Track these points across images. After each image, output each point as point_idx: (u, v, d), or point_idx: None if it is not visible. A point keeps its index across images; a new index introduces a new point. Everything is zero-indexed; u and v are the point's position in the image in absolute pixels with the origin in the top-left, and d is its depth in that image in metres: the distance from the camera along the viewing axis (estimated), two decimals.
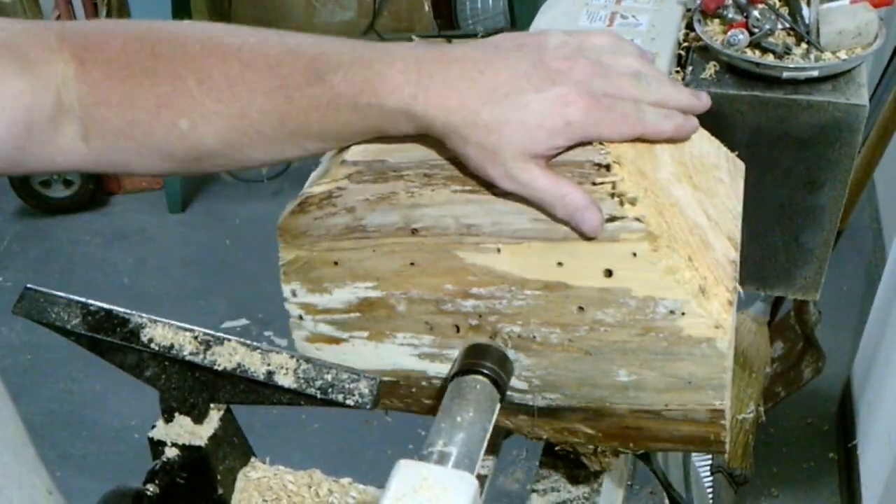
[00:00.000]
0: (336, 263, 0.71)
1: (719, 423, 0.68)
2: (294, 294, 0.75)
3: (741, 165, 0.77)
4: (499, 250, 0.65)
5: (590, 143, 0.65)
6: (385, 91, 0.63)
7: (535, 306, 0.66)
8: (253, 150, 0.70)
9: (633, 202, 0.62)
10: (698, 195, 0.69)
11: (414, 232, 0.67)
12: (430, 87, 0.63)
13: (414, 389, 0.75)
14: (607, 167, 0.63)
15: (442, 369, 0.72)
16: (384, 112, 0.64)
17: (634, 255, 0.62)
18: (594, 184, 0.63)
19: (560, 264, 0.64)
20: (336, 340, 0.75)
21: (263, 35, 0.69)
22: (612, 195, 0.63)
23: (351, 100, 0.64)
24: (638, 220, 0.62)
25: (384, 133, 0.67)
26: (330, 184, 0.68)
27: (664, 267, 0.62)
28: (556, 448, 0.79)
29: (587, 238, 0.63)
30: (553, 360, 0.68)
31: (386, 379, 0.75)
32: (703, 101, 0.72)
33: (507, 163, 0.62)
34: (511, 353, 0.68)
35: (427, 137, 0.66)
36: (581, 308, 0.65)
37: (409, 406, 0.77)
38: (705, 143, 0.74)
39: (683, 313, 0.63)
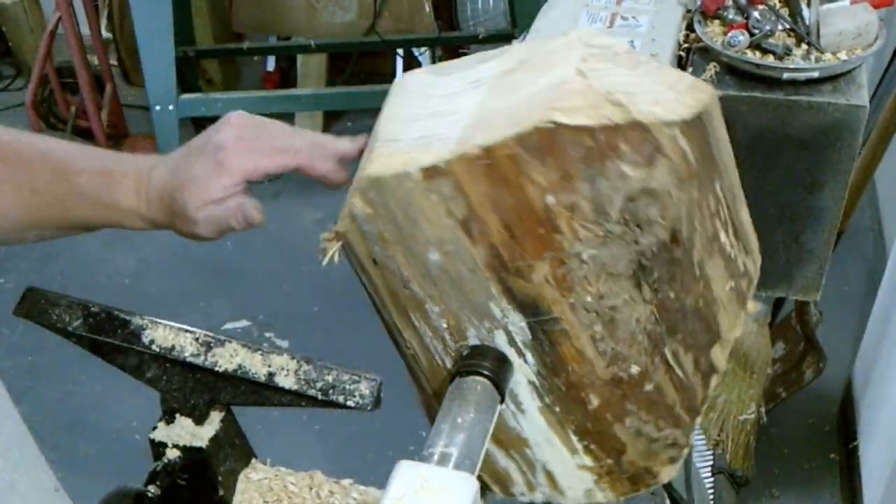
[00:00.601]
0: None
1: None
2: None
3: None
4: None
5: None
6: (121, 194, 0.79)
7: None
8: (4, 235, 0.79)
9: None
10: None
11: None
12: (150, 185, 0.79)
13: None
14: None
15: None
16: (121, 212, 0.80)
17: None
18: None
19: None
20: None
21: (17, 135, 0.80)
22: None
23: (95, 198, 0.78)
24: None
25: (122, 226, 0.81)
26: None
27: None
28: None
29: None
30: None
31: None
32: (358, 143, 0.79)
33: (192, 215, 0.77)
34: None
35: None
36: None
37: None
38: None
39: None
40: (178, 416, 0.76)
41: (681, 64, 1.03)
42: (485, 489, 0.76)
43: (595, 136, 0.60)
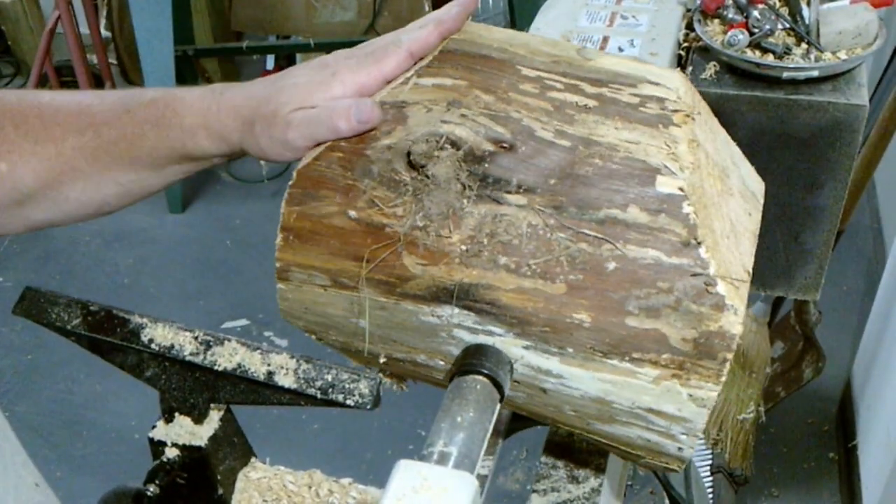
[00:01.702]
0: None
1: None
2: None
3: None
4: None
5: None
6: (184, 110, 0.71)
7: None
8: (70, 188, 0.75)
9: None
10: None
11: None
12: (223, 97, 0.71)
13: None
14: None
15: None
16: (184, 129, 0.71)
17: None
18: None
19: None
20: None
21: (73, 90, 0.77)
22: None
23: (154, 123, 0.71)
24: None
25: (189, 153, 0.72)
26: None
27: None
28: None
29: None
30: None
31: None
32: (465, 2, 0.74)
33: (285, 115, 0.68)
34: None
35: None
36: None
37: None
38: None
39: None
40: (177, 414, 0.76)
41: (681, 63, 1.03)
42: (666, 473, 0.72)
43: (338, 146, 0.68)
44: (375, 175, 0.67)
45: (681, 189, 0.64)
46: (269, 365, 0.70)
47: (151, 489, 0.73)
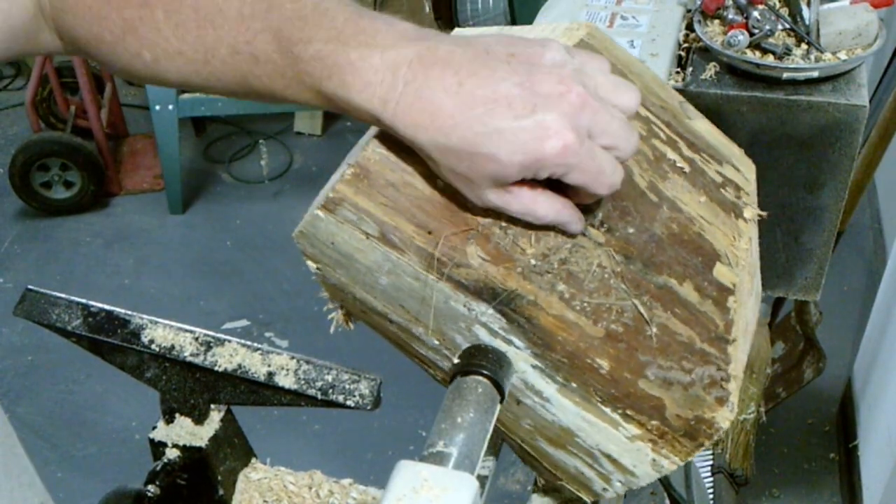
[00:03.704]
0: None
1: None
2: None
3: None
4: None
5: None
6: (355, 88, 0.59)
7: None
8: (211, 89, 0.68)
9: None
10: None
11: None
12: (402, 98, 0.57)
13: None
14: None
15: None
16: (350, 105, 0.60)
17: None
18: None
19: None
20: None
21: None
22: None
23: (318, 82, 0.60)
24: None
25: (345, 115, 0.62)
26: None
27: None
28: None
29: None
30: None
31: None
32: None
33: (480, 188, 0.59)
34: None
35: None
36: None
37: None
38: None
39: None
40: (177, 415, 0.76)
41: (681, 63, 1.03)
42: None
43: None
44: None
45: (733, 284, 0.66)
46: (269, 366, 0.70)
47: (152, 490, 0.73)
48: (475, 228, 0.64)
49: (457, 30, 0.74)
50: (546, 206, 0.60)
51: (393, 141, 0.62)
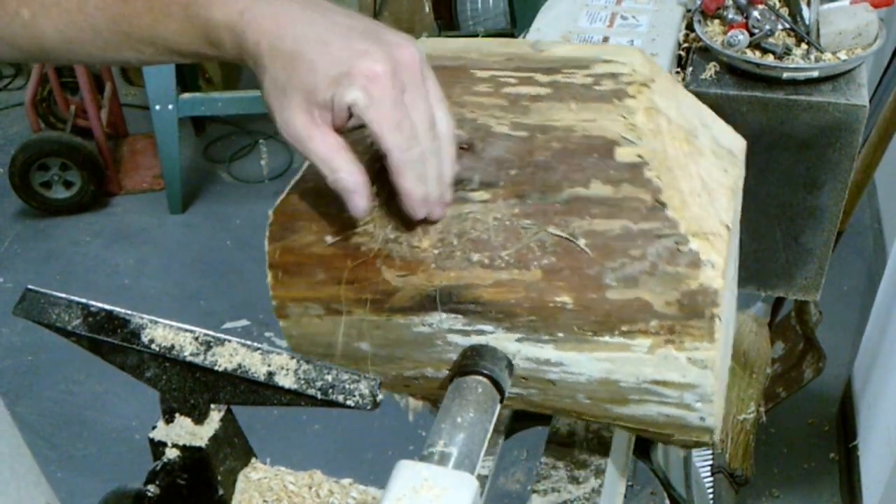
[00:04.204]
0: None
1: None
2: None
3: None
4: None
5: None
6: (217, 4, 0.63)
7: None
8: (93, 47, 0.70)
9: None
10: None
11: None
12: (257, 7, 0.61)
13: None
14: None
15: None
16: (211, 25, 0.63)
17: None
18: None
19: None
20: None
21: None
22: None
23: (183, 7, 0.64)
24: None
25: (210, 45, 0.65)
26: None
27: None
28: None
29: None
30: None
31: None
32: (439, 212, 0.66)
33: (291, 107, 0.61)
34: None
35: None
36: None
37: None
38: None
39: None
40: (177, 415, 0.76)
41: (681, 63, 1.03)
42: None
43: (308, 177, 0.70)
44: None
45: (640, 156, 0.64)
46: (269, 365, 0.70)
47: (152, 490, 0.73)
48: (375, 255, 0.66)
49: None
50: (344, 162, 0.61)
51: (278, 229, 0.69)
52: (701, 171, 0.67)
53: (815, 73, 0.94)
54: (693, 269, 0.61)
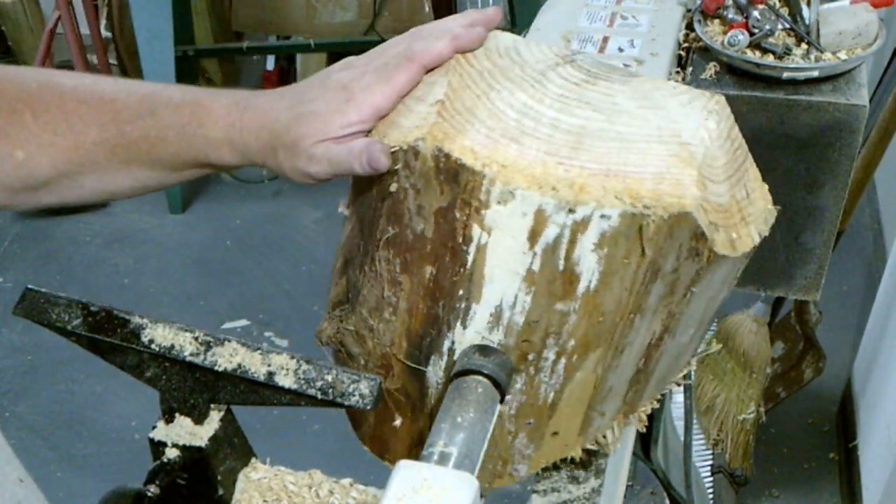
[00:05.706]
0: None
1: None
2: None
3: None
4: None
5: None
6: (210, 122, 0.70)
7: None
8: (86, 178, 0.74)
9: None
10: None
11: None
12: (246, 114, 0.70)
13: None
14: None
15: None
16: (209, 141, 0.71)
17: None
18: None
19: None
20: None
21: (98, 77, 0.75)
22: None
23: (179, 130, 0.71)
24: None
25: (210, 163, 0.72)
26: None
27: None
28: None
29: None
30: None
31: None
32: (488, 15, 0.73)
33: (307, 149, 0.68)
34: None
35: None
36: None
37: None
38: None
39: None
40: (177, 415, 0.76)
41: (681, 63, 1.03)
42: None
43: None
44: None
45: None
46: (269, 365, 0.70)
47: (152, 490, 0.73)
48: (346, 331, 0.74)
49: None
50: (378, 148, 0.67)
51: None
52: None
53: (815, 73, 0.94)
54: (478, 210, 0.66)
